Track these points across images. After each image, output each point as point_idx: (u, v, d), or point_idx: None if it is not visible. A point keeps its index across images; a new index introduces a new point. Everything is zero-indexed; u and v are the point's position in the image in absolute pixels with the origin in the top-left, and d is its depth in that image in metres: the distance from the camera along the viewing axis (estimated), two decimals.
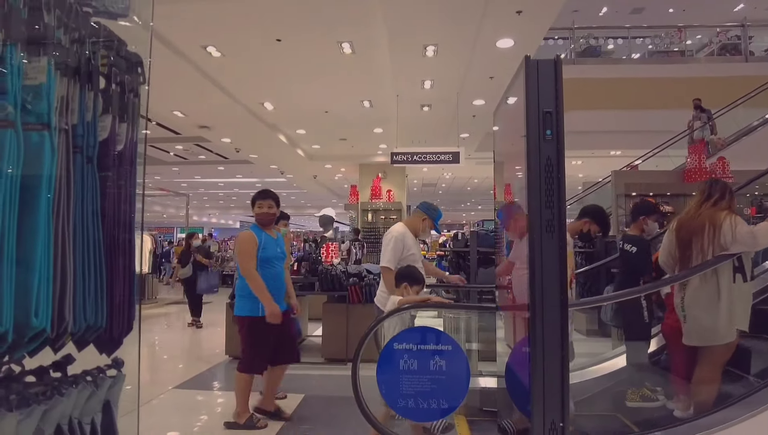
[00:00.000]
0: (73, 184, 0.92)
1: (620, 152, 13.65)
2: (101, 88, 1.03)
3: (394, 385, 2.92)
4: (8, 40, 0.83)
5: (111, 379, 1.04)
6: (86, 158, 0.98)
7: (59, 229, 0.88)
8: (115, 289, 1.03)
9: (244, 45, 6.59)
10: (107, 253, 1.03)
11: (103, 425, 0.99)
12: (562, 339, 1.88)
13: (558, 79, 1.90)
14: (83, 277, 0.95)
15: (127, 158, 1.07)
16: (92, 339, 1.01)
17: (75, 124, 0.96)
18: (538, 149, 1.90)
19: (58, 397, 0.90)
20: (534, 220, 1.91)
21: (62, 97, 0.92)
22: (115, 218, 1.06)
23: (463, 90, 8.33)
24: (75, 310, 0.92)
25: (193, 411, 4.26)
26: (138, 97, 1.11)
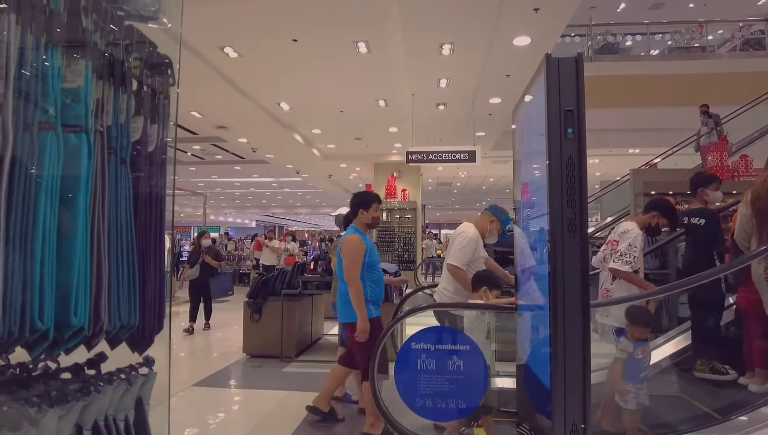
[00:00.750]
0: (108, 184, 0.94)
1: (639, 150, 13.45)
2: (133, 90, 1.05)
3: (411, 384, 2.93)
4: (49, 44, 0.84)
5: (143, 377, 1.06)
6: (120, 159, 1.00)
7: (95, 229, 0.89)
8: (146, 289, 1.05)
9: (261, 45, 6.63)
10: (139, 252, 1.04)
11: (136, 422, 1.01)
12: (584, 339, 1.86)
13: (579, 76, 1.88)
14: (117, 276, 0.97)
15: (157, 159, 1.10)
16: (125, 337, 1.03)
17: (109, 126, 0.98)
18: (559, 148, 1.88)
19: (95, 394, 0.92)
20: (555, 220, 1.89)
21: (98, 99, 0.94)
22: (147, 218, 1.07)
23: (480, 88, 8.28)
24: (110, 309, 0.94)
25: (211, 408, 4.31)
26: (168, 98, 1.13)
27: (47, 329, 0.81)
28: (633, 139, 12.66)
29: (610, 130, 12.00)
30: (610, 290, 3.47)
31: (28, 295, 0.78)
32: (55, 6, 0.89)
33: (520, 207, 2.83)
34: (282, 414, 4.04)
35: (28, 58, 0.77)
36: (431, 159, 8.96)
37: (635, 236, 3.36)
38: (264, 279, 5.93)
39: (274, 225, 42.72)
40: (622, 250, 3.32)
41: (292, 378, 5.13)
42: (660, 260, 5.56)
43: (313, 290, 5.95)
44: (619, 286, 3.38)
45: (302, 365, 5.61)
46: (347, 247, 3.45)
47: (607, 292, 3.50)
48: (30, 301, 0.78)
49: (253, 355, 5.86)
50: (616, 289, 3.40)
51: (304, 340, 6.30)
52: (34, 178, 0.80)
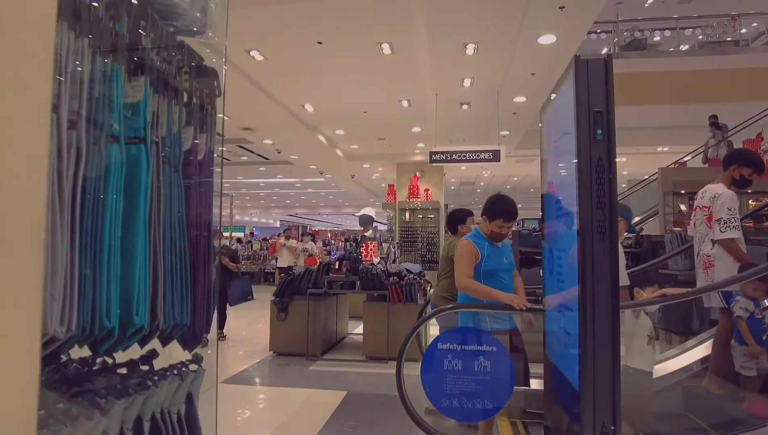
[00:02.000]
0: (163, 191, 1.00)
1: (667, 148, 13.15)
2: (184, 102, 1.11)
3: (438, 384, 2.95)
4: (115, 63, 0.90)
5: (193, 373, 1.12)
6: (173, 168, 1.06)
7: (152, 234, 0.95)
8: (197, 290, 1.10)
9: (286, 48, 6.73)
10: (192, 255, 1.10)
11: (188, 415, 1.07)
12: (614, 341, 1.85)
13: (609, 78, 1.87)
14: (171, 278, 1.03)
15: (206, 166, 1.16)
16: (177, 336, 1.09)
17: (164, 137, 1.04)
18: (588, 150, 1.88)
19: (153, 388, 0.99)
20: (585, 221, 1.89)
21: (154, 112, 1.00)
22: (197, 223, 1.13)
23: (504, 87, 8.23)
24: (165, 309, 1.00)
25: (239, 405, 4.40)
26: (215, 109, 1.18)
27: (113, 327, 0.88)
28: (662, 137, 12.39)
29: (638, 128, 11.77)
30: (710, 255, 3.38)
31: (98, 295, 0.84)
32: (120, 28, 0.96)
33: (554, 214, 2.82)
34: (309, 412, 4.10)
35: (97, 78, 0.83)
36: (455, 159, 8.94)
37: (729, 198, 3.25)
38: (290, 278, 6.03)
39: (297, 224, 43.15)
40: (724, 218, 3.20)
41: (318, 376, 5.19)
42: (691, 261, 5.43)
43: (338, 290, 6.02)
44: (720, 251, 3.30)
45: (328, 364, 5.68)
46: (456, 252, 3.34)
47: (707, 258, 3.41)
48: (99, 301, 0.85)
49: (280, 354, 5.96)
50: (717, 253, 3.32)
51: (329, 339, 6.37)
52: (102, 188, 0.86)
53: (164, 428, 1.00)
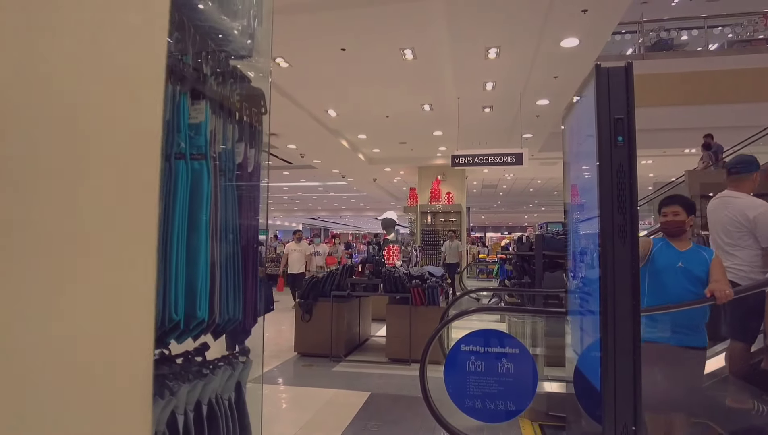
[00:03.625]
0: (220, 200, 1.12)
1: (695, 150, 12.87)
2: (236, 121, 1.22)
3: (461, 385, 3.00)
4: (181, 91, 1.02)
5: (242, 364, 1.24)
6: (228, 179, 1.19)
7: (212, 237, 1.06)
8: (247, 288, 1.22)
9: (310, 55, 6.87)
10: (243, 257, 1.22)
11: (237, 402, 1.19)
12: (634, 344, 1.88)
13: (629, 85, 1.91)
14: (226, 276, 1.14)
15: (254, 177, 1.28)
16: (229, 330, 1.20)
17: (220, 152, 1.17)
18: (609, 155, 1.92)
19: (211, 376, 1.11)
20: (606, 227, 1.93)
21: (212, 130, 1.12)
22: (247, 227, 1.25)
23: (527, 90, 8.22)
24: (221, 305, 1.11)
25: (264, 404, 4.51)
26: (261, 125, 1.29)
27: (179, 320, 0.99)
28: (689, 139, 12.14)
29: (664, 129, 11.57)
30: None
31: (168, 292, 0.97)
32: (187, 60, 1.10)
33: (569, 210, 2.85)
34: (333, 411, 4.19)
35: (168, 104, 0.95)
36: (477, 162, 8.96)
37: None
38: (314, 281, 6.14)
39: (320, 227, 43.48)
40: None
41: (341, 377, 5.28)
42: None
43: (361, 292, 6.11)
44: None
45: (351, 365, 5.77)
46: None
47: None
48: (168, 297, 0.97)
49: (304, 354, 6.07)
50: None
51: (353, 341, 6.46)
52: (172, 198, 0.98)
53: (219, 411, 1.11)
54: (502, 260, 10.50)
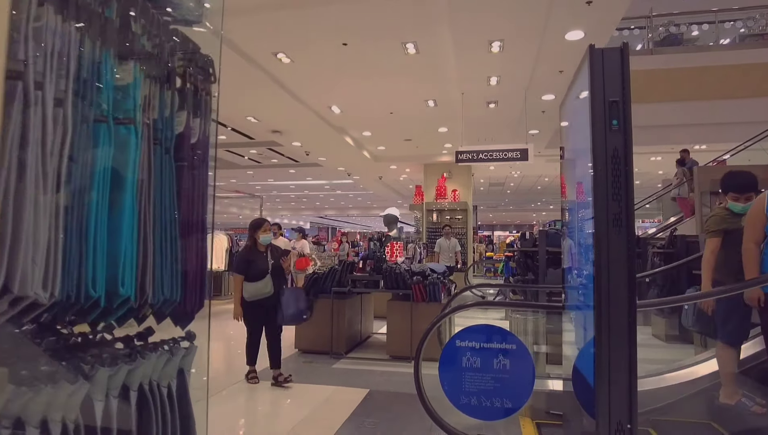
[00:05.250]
0: (153, 171, 1.05)
1: (705, 146, 12.67)
2: (178, 88, 1.16)
3: (456, 381, 2.93)
4: (104, 47, 0.95)
5: (184, 350, 1.18)
6: (164, 149, 1.11)
7: (141, 210, 1.00)
8: (188, 267, 1.15)
9: (312, 50, 6.82)
10: (182, 233, 1.15)
11: (178, 389, 1.12)
12: (630, 338, 1.80)
13: (625, 66, 1.82)
14: (161, 254, 1.07)
15: (200, 150, 1.21)
16: (169, 312, 1.14)
17: (155, 119, 1.09)
18: (604, 140, 1.84)
19: (140, 360, 1.04)
20: (600, 215, 1.84)
21: (145, 95, 1.05)
22: (190, 202, 1.18)
23: (532, 85, 8.11)
24: (154, 284, 1.05)
25: (262, 400, 4.48)
26: (210, 95, 1.24)
27: (99, 297, 0.93)
28: (699, 135, 11.95)
29: (674, 125, 11.38)
30: None
31: (84, 266, 0.90)
32: (110, 14, 1.01)
33: (573, 208, 2.77)
34: (330, 409, 4.14)
35: (86, 60, 0.89)
36: (482, 158, 8.85)
37: None
38: (315, 277, 6.09)
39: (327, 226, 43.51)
40: None
41: (341, 374, 5.23)
42: None
43: (362, 289, 6.04)
44: None
45: (351, 362, 5.71)
46: None
47: None
48: (84, 271, 0.90)
49: (305, 351, 6.03)
50: None
51: (354, 338, 6.40)
52: (90, 164, 0.91)
53: (152, 398, 1.04)
54: (507, 258, 10.38)
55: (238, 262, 4.75)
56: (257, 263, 4.66)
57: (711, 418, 3.37)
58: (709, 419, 3.39)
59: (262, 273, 4.63)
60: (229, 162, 16.76)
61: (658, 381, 3.66)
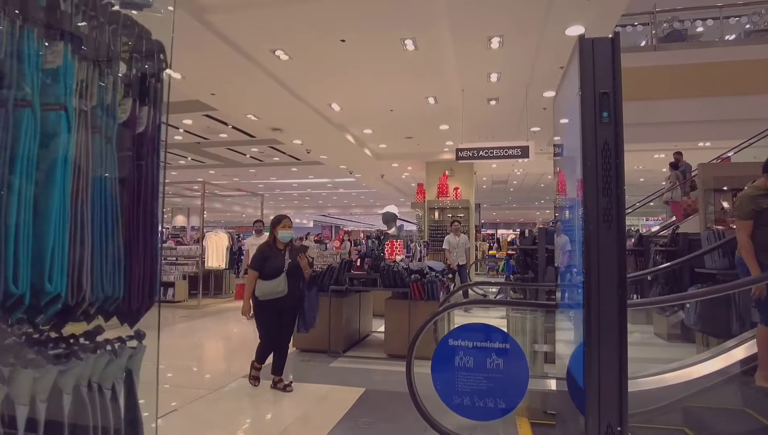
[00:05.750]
0: (92, 161, 0.99)
1: (710, 143, 12.54)
2: (122, 74, 1.10)
3: (449, 381, 2.88)
4: (25, 26, 0.90)
5: (132, 350, 1.12)
6: (105, 138, 1.05)
7: (77, 203, 0.94)
8: (133, 264, 1.09)
9: (310, 47, 6.77)
10: (126, 227, 1.08)
11: (125, 392, 1.06)
12: (620, 338, 1.75)
13: (615, 57, 1.76)
14: (101, 249, 1.01)
15: (148, 140, 1.15)
16: (112, 310, 1.08)
17: (94, 106, 1.03)
18: (594, 133, 1.78)
19: (75, 361, 0.98)
20: (590, 210, 1.79)
21: (81, 80, 0.99)
22: (136, 195, 1.11)
23: (532, 82, 8.03)
24: (93, 280, 0.99)
25: (259, 399, 4.44)
26: (160, 82, 1.17)
27: (22, 294, 0.87)
28: (703, 132, 11.81)
29: (678, 122, 11.25)
30: None
31: (2, 261, 0.84)
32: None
33: (565, 204, 2.71)
34: (324, 408, 4.10)
35: (2, 40, 0.83)
36: (482, 155, 8.78)
37: None
38: (313, 275, 6.03)
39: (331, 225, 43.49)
40: None
41: (338, 373, 5.19)
42: (729, 259, 5.14)
43: (359, 287, 5.99)
44: None
45: (349, 361, 5.67)
46: None
47: None
48: (4, 266, 0.84)
49: (302, 349, 5.99)
50: None
51: (352, 336, 6.36)
52: (10, 151, 0.85)
53: (89, 402, 0.98)
54: (508, 256, 10.31)
55: (255, 258, 4.55)
56: (273, 261, 4.44)
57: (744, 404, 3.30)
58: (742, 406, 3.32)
59: (277, 271, 4.40)
60: (231, 160, 16.76)
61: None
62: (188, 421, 3.87)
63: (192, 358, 6.14)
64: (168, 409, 4.03)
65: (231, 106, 9.68)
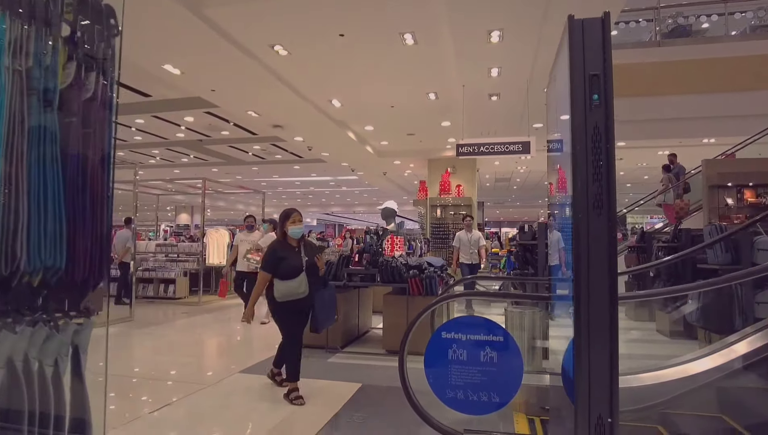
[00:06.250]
0: (28, 125, 0.93)
1: (714, 140, 12.43)
2: (67, 36, 1.05)
3: (442, 375, 2.83)
4: None
5: (77, 326, 1.07)
6: (45, 101, 0.99)
7: (11, 169, 0.89)
8: (77, 234, 1.03)
9: (309, 42, 6.73)
10: (70, 196, 1.02)
11: (71, 369, 1.01)
12: (611, 329, 1.70)
13: (606, 38, 1.71)
14: (39, 217, 0.95)
15: (97, 106, 1.09)
16: (55, 282, 1.03)
17: (30, 67, 0.96)
18: (584, 117, 1.73)
19: (5, 333, 0.92)
20: (580, 196, 1.74)
21: (15, 38, 0.93)
22: (81, 163, 1.05)
23: (534, 76, 7.95)
24: (29, 249, 0.93)
25: (254, 394, 4.41)
26: (111, 47, 1.12)
27: None
28: (708, 128, 11.70)
29: (681, 118, 11.15)
30: None
31: None
32: None
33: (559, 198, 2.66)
34: (319, 403, 4.06)
35: None
36: (483, 151, 8.71)
37: None
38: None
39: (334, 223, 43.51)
40: None
41: (335, 368, 5.16)
42: (732, 254, 5.07)
43: (358, 282, 5.96)
44: None
45: (347, 356, 5.63)
46: None
47: None
48: None
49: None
50: None
51: (351, 332, 6.32)
52: None
53: (24, 377, 0.92)
54: (509, 252, 10.25)
55: (267, 258, 4.05)
56: (290, 260, 4.01)
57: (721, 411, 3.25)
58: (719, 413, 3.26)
59: (296, 270, 3.99)
60: (233, 158, 16.76)
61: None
62: (185, 414, 3.85)
63: (191, 354, 6.12)
64: (164, 402, 4.02)
65: (231, 102, 9.66)
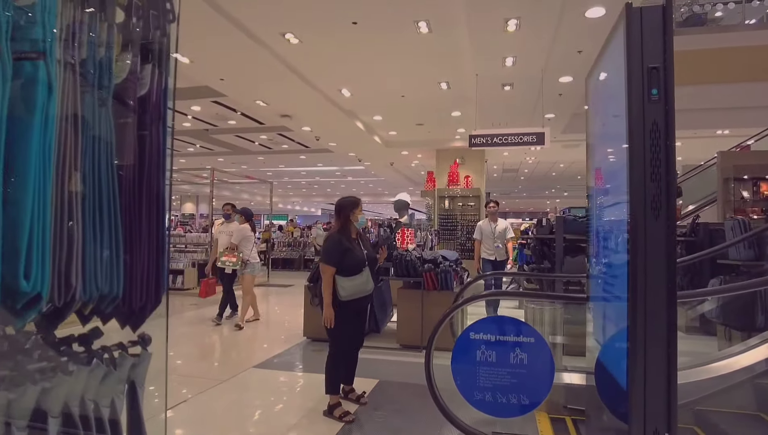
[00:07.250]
0: (81, 128, 0.80)
1: (728, 131, 12.23)
2: (120, 22, 0.93)
3: (470, 376, 2.76)
4: None
5: (134, 358, 0.95)
6: (99, 100, 0.86)
7: (62, 181, 0.77)
8: (134, 255, 0.92)
9: (321, 30, 6.60)
10: (126, 212, 0.91)
11: (127, 408, 0.89)
12: (669, 336, 1.61)
13: (667, 28, 1.60)
14: (94, 238, 0.84)
15: (152, 105, 0.96)
16: (110, 311, 0.92)
17: (84, 59, 0.84)
18: (641, 112, 1.62)
19: (61, 376, 0.81)
20: (636, 197, 1.64)
21: (67, 25, 0.81)
22: (138, 173, 0.93)
23: (549, 66, 7.80)
24: (84, 276, 0.82)
25: (269, 390, 4.36)
26: (167, 36, 0.99)
27: None
28: (723, 119, 11.51)
29: (696, 109, 10.96)
30: None
31: None
32: None
33: (593, 194, 2.56)
34: None
35: None
36: (496, 142, 8.58)
37: None
38: None
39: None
40: None
41: None
42: (755, 251, 4.96)
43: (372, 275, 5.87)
44: None
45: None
46: None
47: None
48: None
49: (314, 339, 5.91)
50: None
51: None
52: None
53: (82, 425, 0.81)
54: (521, 245, 10.15)
55: (330, 250, 3.61)
56: (354, 253, 3.60)
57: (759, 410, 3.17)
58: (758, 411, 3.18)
59: (360, 264, 3.61)
60: (239, 148, 16.65)
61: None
62: (199, 412, 3.79)
63: (201, 347, 6.08)
64: (179, 398, 3.96)
65: (240, 92, 9.53)
